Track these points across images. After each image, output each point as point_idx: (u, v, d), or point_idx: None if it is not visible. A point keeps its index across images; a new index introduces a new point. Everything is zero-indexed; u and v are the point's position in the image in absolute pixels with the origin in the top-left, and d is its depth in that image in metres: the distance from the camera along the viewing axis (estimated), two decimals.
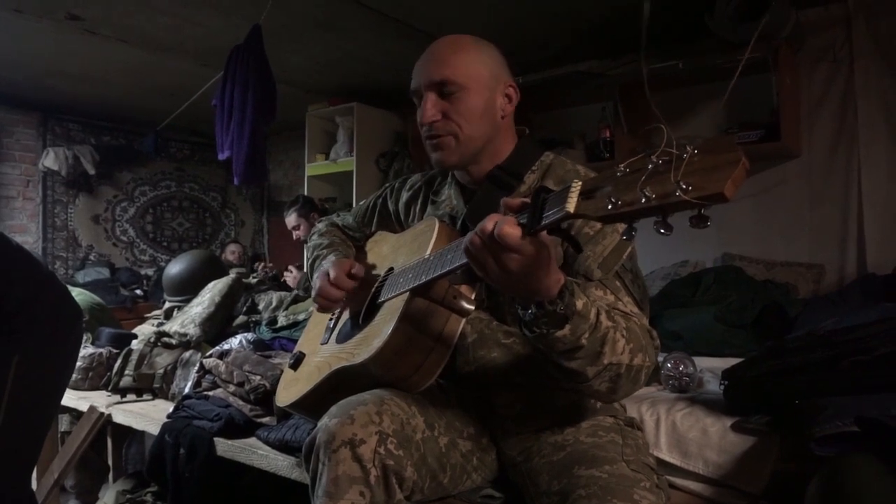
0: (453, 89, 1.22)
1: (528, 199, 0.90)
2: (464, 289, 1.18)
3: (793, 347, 1.49)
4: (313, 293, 1.41)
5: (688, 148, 0.70)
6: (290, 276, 3.76)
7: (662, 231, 0.73)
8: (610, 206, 0.75)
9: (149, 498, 2.40)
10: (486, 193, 1.27)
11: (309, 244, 1.63)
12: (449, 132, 1.24)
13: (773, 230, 3.16)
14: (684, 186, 0.68)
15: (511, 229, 0.87)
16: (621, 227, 1.12)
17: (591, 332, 0.98)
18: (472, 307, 1.18)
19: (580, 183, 0.82)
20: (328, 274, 1.37)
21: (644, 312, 1.15)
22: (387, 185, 1.59)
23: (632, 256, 1.17)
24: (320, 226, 1.68)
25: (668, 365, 1.81)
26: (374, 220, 1.60)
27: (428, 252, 1.21)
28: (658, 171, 0.72)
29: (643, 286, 1.18)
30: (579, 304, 0.97)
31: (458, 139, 1.24)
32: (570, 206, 0.80)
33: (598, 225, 1.15)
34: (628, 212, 0.74)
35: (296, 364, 1.51)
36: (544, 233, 0.90)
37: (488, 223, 0.91)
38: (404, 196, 1.51)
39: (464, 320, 1.21)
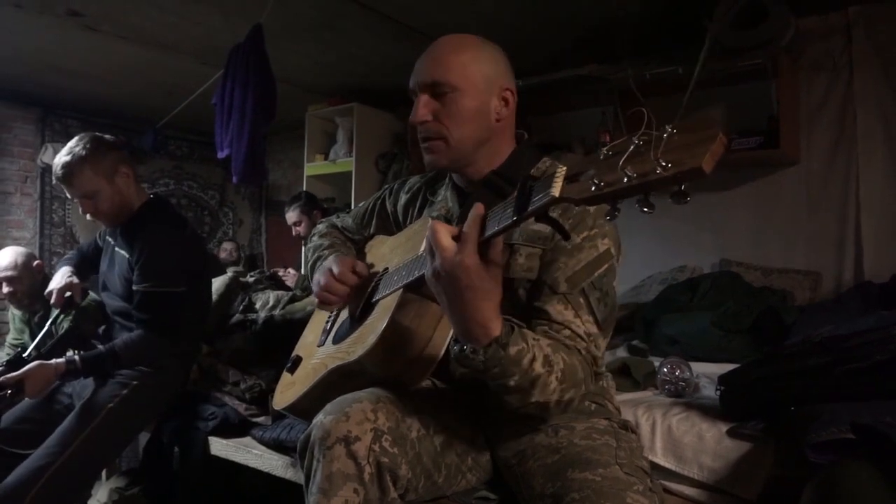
0: (446, 90, 1.22)
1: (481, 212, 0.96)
2: None
3: (789, 354, 1.49)
4: (315, 289, 1.40)
5: (667, 128, 0.72)
6: (289, 277, 3.76)
7: (645, 209, 0.75)
8: (593, 188, 0.77)
9: (142, 495, 2.39)
10: (481, 198, 1.26)
11: (309, 245, 1.63)
12: (439, 135, 1.24)
13: (770, 237, 3.16)
14: (664, 164, 0.70)
15: (441, 227, 0.95)
16: (602, 243, 1.15)
17: (520, 376, 1.03)
18: None
19: (565, 168, 0.83)
20: (332, 270, 1.37)
21: (604, 333, 1.17)
22: (386, 186, 1.60)
23: (606, 275, 1.17)
24: (320, 227, 1.68)
25: (665, 369, 1.81)
26: (374, 221, 1.60)
27: (422, 250, 1.21)
28: (639, 151, 0.73)
29: (611, 306, 1.18)
30: (513, 350, 1.01)
31: (448, 142, 1.24)
32: (556, 190, 0.82)
33: (578, 239, 1.16)
34: (610, 192, 0.76)
35: (293, 367, 1.51)
36: (496, 253, 0.96)
37: (438, 227, 1.00)
38: (403, 198, 1.51)
39: None
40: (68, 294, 2.12)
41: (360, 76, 4.08)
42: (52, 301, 2.10)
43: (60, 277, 2.15)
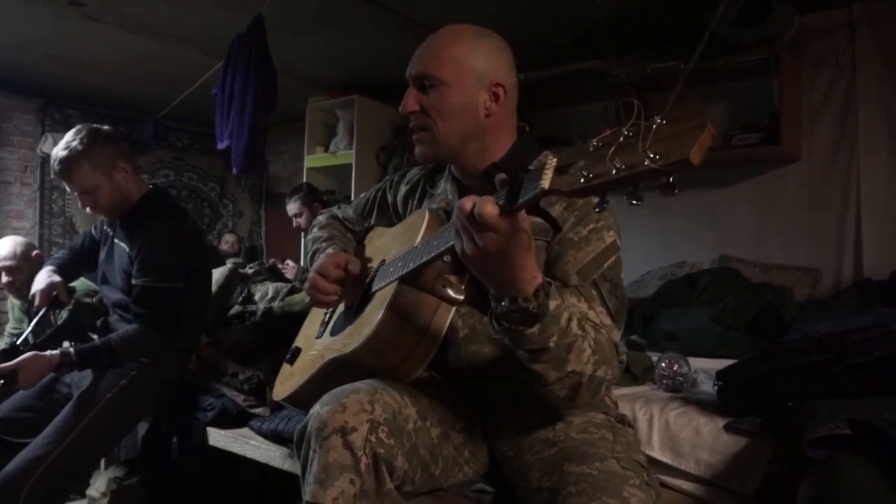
0: (433, 83, 1.22)
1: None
2: (453, 278, 1.18)
3: (788, 350, 1.49)
4: (306, 286, 1.41)
5: (656, 119, 0.71)
6: (289, 269, 3.76)
7: (634, 202, 0.74)
8: (583, 180, 0.76)
9: (140, 485, 2.40)
10: (481, 192, 1.26)
11: (309, 237, 1.63)
12: (425, 127, 1.25)
13: (770, 233, 3.16)
14: (652, 155, 0.69)
15: (489, 207, 0.89)
16: (608, 235, 1.14)
17: (559, 336, 1.00)
18: (461, 297, 1.18)
19: (555, 160, 0.83)
20: (318, 269, 1.37)
21: (617, 324, 1.16)
22: (387, 178, 1.59)
23: (614, 266, 1.16)
24: (321, 218, 1.68)
25: (663, 364, 1.81)
26: (374, 213, 1.59)
27: (417, 241, 1.21)
28: (628, 143, 0.73)
29: (622, 297, 1.17)
30: (552, 304, 0.98)
31: (434, 135, 1.24)
32: (545, 182, 0.81)
33: (584, 231, 1.15)
34: (599, 184, 0.75)
35: (292, 359, 1.52)
36: (525, 220, 0.92)
37: (466, 202, 0.92)
38: (402, 190, 1.50)
39: (453, 310, 1.21)
40: (54, 293, 2.10)
41: (362, 69, 4.08)
42: (38, 302, 2.07)
43: (41, 280, 2.13)
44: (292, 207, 3.92)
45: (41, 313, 2.13)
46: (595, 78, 3.45)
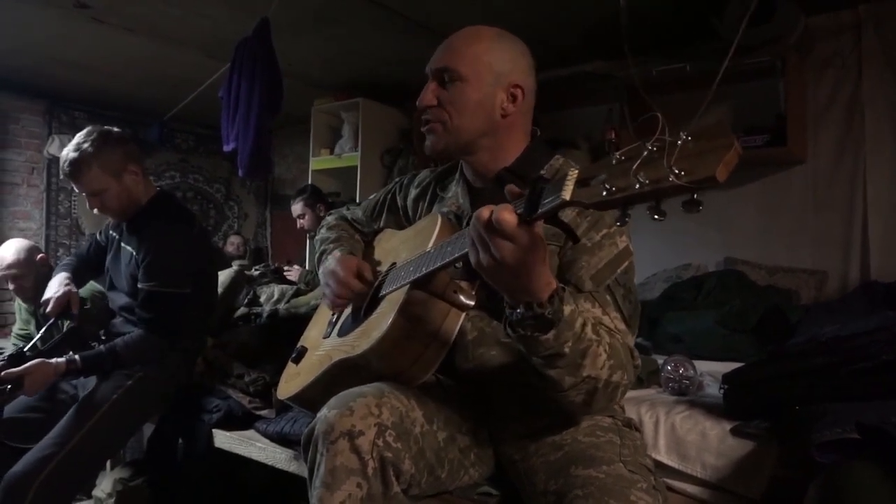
0: (452, 77, 1.23)
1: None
2: (464, 284, 1.18)
3: (794, 353, 1.48)
4: (325, 295, 1.41)
5: (682, 134, 0.71)
6: (293, 272, 3.77)
7: (656, 217, 0.74)
8: (605, 193, 0.76)
9: (145, 486, 2.41)
10: (492, 196, 1.26)
11: (317, 237, 1.63)
12: (439, 119, 1.25)
13: (776, 235, 3.15)
14: (677, 171, 0.69)
15: (508, 216, 0.88)
16: (621, 240, 1.14)
17: (574, 342, 1.00)
18: (472, 302, 1.18)
19: (577, 171, 0.82)
20: (337, 274, 1.37)
21: (631, 329, 1.16)
22: (396, 180, 1.60)
23: (627, 271, 1.16)
24: (329, 219, 1.68)
25: (668, 367, 1.81)
26: (383, 215, 1.59)
27: (429, 246, 1.21)
28: (652, 158, 0.72)
29: (635, 302, 1.17)
30: (567, 310, 0.98)
31: (447, 128, 1.25)
32: (566, 193, 0.81)
33: (598, 237, 1.15)
34: (622, 198, 0.75)
35: (297, 358, 1.52)
36: (540, 229, 0.91)
37: (484, 211, 0.91)
38: (412, 193, 1.51)
39: (463, 315, 1.21)
40: (66, 302, 2.09)
41: (366, 71, 4.08)
42: (49, 309, 2.06)
43: (57, 285, 2.12)
44: (296, 208, 3.94)
45: (51, 321, 2.13)
46: (599, 80, 3.45)
